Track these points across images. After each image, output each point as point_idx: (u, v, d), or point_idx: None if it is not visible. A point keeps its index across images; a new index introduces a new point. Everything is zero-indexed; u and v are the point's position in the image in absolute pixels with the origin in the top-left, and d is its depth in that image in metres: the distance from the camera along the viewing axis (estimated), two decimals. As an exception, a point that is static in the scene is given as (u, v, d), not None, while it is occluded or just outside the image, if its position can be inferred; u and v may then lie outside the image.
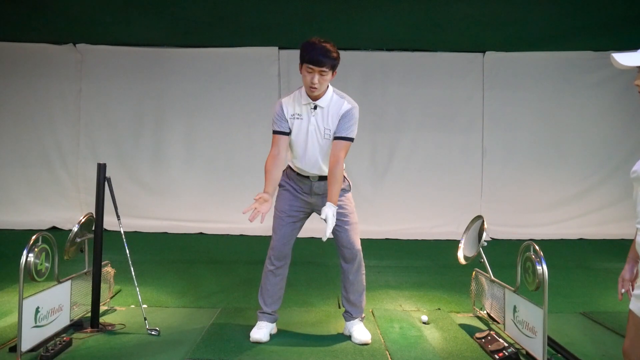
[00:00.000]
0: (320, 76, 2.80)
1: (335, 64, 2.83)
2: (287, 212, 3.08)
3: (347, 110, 2.91)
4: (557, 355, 2.88)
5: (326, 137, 2.94)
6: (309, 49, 2.80)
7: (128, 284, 3.81)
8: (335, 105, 2.93)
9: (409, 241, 6.80)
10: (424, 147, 7.38)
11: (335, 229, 2.95)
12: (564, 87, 7.33)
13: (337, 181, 2.87)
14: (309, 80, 2.82)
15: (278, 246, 3.08)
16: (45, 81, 7.26)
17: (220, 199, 7.25)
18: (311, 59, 2.78)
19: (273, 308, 3.13)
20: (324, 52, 2.78)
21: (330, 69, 2.83)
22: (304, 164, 3.01)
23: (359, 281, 3.12)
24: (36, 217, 6.99)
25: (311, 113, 2.93)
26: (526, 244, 2.89)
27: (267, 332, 3.05)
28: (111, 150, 7.22)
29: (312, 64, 2.78)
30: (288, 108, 2.97)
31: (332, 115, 2.92)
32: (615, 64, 1.76)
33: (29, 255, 2.67)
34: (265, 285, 3.13)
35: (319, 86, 2.82)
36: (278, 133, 2.98)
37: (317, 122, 2.93)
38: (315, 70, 2.79)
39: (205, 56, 7.30)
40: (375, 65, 7.33)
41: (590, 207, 7.29)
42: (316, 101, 2.91)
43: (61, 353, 2.75)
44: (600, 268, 5.40)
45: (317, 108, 2.92)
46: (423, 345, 3.00)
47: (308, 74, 2.82)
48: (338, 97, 2.95)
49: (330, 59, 2.79)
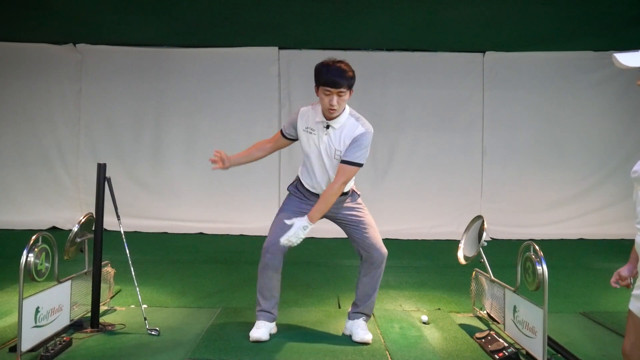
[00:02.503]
0: (339, 97, 2.76)
1: (351, 83, 2.79)
2: (292, 209, 3.03)
3: (360, 135, 2.84)
4: (557, 355, 2.88)
5: (336, 158, 2.90)
6: (324, 71, 2.76)
7: (128, 284, 3.81)
8: (350, 128, 2.86)
9: (409, 241, 6.80)
10: (424, 147, 7.38)
11: (354, 232, 3.04)
12: (564, 87, 7.33)
13: (324, 201, 2.86)
14: (327, 102, 2.77)
15: (269, 242, 3.00)
16: (45, 81, 7.26)
17: (220, 199, 7.26)
18: (327, 81, 2.74)
19: (270, 305, 3.10)
20: (340, 73, 2.74)
21: (348, 89, 2.78)
22: (314, 180, 3.01)
23: (378, 281, 3.17)
24: (36, 217, 6.99)
25: (323, 132, 2.90)
26: (526, 244, 2.89)
27: (266, 331, 3.03)
28: (111, 150, 7.21)
29: (329, 86, 2.73)
30: (303, 120, 2.96)
31: (345, 137, 2.86)
32: (617, 64, 1.76)
33: (29, 255, 2.66)
34: (261, 280, 3.08)
35: (337, 107, 2.79)
36: (281, 132, 3.09)
37: (328, 142, 2.90)
38: (333, 92, 2.75)
39: (205, 56, 7.30)
40: (375, 65, 7.33)
41: (590, 207, 7.29)
42: (330, 121, 2.86)
43: (61, 353, 2.74)
44: (600, 268, 5.40)
45: (329, 128, 2.88)
46: (423, 345, 3.00)
47: (326, 96, 2.77)
48: (354, 120, 2.89)
49: (346, 79, 2.75)
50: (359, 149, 2.84)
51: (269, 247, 3.01)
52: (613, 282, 2.01)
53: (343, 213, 3.07)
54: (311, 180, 3.03)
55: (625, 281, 1.98)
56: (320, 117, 2.89)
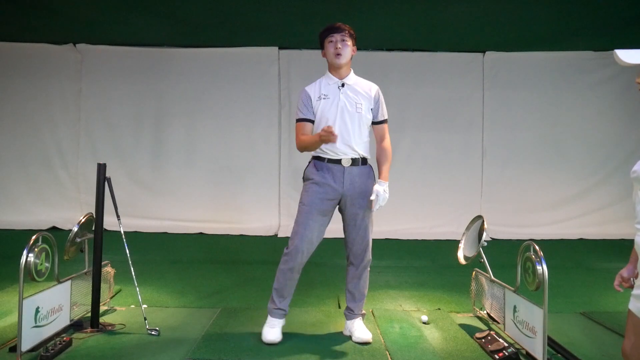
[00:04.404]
0: (343, 42, 2.97)
1: (353, 34, 3.02)
2: (317, 206, 2.99)
3: (378, 92, 3.09)
4: (557, 355, 2.88)
5: (359, 111, 3.01)
6: (326, 27, 3.02)
7: (128, 284, 3.82)
8: (363, 83, 3.09)
9: (409, 241, 6.80)
10: (424, 147, 7.38)
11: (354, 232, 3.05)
12: (564, 87, 7.33)
13: (387, 159, 3.08)
14: (332, 49, 2.97)
15: (304, 242, 2.96)
16: (45, 81, 7.25)
17: (220, 199, 7.25)
18: (330, 28, 2.99)
19: (286, 303, 3.11)
20: (340, 24, 3.01)
21: (350, 38, 3.00)
22: (337, 143, 2.95)
23: (366, 278, 3.18)
24: (36, 217, 6.99)
25: (339, 91, 3.01)
26: (526, 244, 2.89)
27: (279, 331, 3.04)
28: (111, 150, 7.21)
29: (333, 32, 2.97)
30: (314, 92, 3.05)
31: (362, 90, 3.05)
32: (618, 60, 1.76)
33: (29, 255, 2.67)
34: (282, 282, 3.04)
35: (343, 52, 2.96)
36: (304, 120, 3.06)
37: (346, 99, 3.01)
38: (337, 39, 2.97)
39: (205, 56, 7.30)
40: (375, 65, 7.32)
41: (590, 207, 7.28)
42: (343, 79, 3.03)
43: (61, 353, 2.75)
44: (600, 268, 5.40)
45: (344, 85, 3.02)
46: (423, 345, 3.00)
47: (330, 44, 2.99)
48: (362, 79, 3.12)
49: (347, 28, 3.00)
50: (383, 105, 3.12)
51: (301, 247, 2.96)
52: (616, 285, 2.00)
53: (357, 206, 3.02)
54: (332, 145, 2.97)
55: (628, 282, 1.98)
56: (332, 80, 3.03)
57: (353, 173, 3.01)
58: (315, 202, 3.00)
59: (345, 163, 3.00)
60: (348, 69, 3.06)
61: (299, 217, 3.01)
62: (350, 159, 3.01)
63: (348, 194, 3.00)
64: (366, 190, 3.01)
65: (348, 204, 3.03)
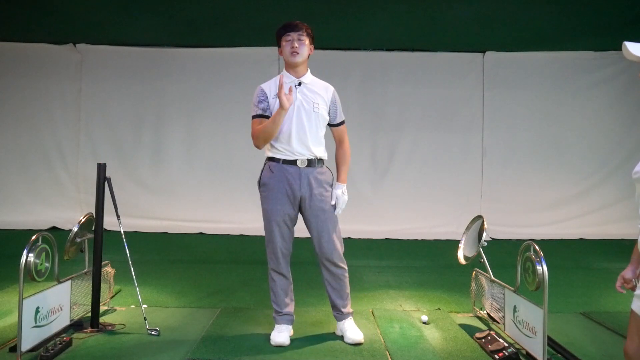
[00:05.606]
0: (300, 41, 2.92)
1: (309, 32, 2.98)
2: (279, 213, 3.00)
3: (334, 93, 3.06)
4: (557, 355, 2.88)
5: (315, 110, 2.96)
6: (282, 25, 2.99)
7: (128, 284, 3.81)
8: (319, 83, 3.05)
9: (409, 241, 6.80)
10: (424, 147, 7.38)
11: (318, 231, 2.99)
12: (564, 87, 7.33)
13: (345, 161, 3.09)
14: (289, 47, 2.91)
15: (278, 252, 3.02)
16: (45, 81, 7.26)
17: (220, 199, 7.25)
18: (287, 26, 2.95)
19: (289, 309, 3.10)
20: (298, 22, 2.97)
21: (307, 37, 2.95)
22: (292, 142, 2.94)
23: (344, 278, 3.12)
24: (36, 217, 6.99)
25: (296, 90, 2.95)
26: (526, 244, 2.89)
27: (287, 335, 3.01)
28: (111, 150, 7.22)
29: (290, 31, 2.93)
30: (270, 90, 2.98)
31: (319, 90, 3.01)
32: (626, 53, 1.70)
33: (29, 255, 2.67)
34: (274, 289, 3.08)
35: (299, 50, 2.91)
36: (261, 117, 2.97)
37: (303, 97, 2.96)
38: (293, 37, 2.92)
39: (205, 56, 7.30)
40: (375, 65, 7.33)
41: (590, 207, 7.29)
42: (300, 78, 2.98)
43: (61, 353, 2.74)
44: (600, 268, 5.40)
45: (301, 84, 2.98)
46: (423, 345, 3.00)
47: (287, 42, 2.93)
48: (317, 79, 3.08)
49: (304, 26, 2.96)
50: (340, 106, 3.09)
51: (279, 259, 3.03)
52: (618, 287, 1.97)
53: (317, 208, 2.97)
54: (289, 144, 2.95)
55: (630, 284, 1.95)
56: (289, 78, 2.96)
57: (309, 172, 2.97)
58: (276, 209, 3.01)
59: (301, 164, 2.96)
60: (305, 68, 3.00)
61: (265, 225, 3.08)
62: (306, 160, 2.96)
63: (306, 196, 2.97)
64: (324, 192, 2.99)
65: (307, 206, 2.98)
